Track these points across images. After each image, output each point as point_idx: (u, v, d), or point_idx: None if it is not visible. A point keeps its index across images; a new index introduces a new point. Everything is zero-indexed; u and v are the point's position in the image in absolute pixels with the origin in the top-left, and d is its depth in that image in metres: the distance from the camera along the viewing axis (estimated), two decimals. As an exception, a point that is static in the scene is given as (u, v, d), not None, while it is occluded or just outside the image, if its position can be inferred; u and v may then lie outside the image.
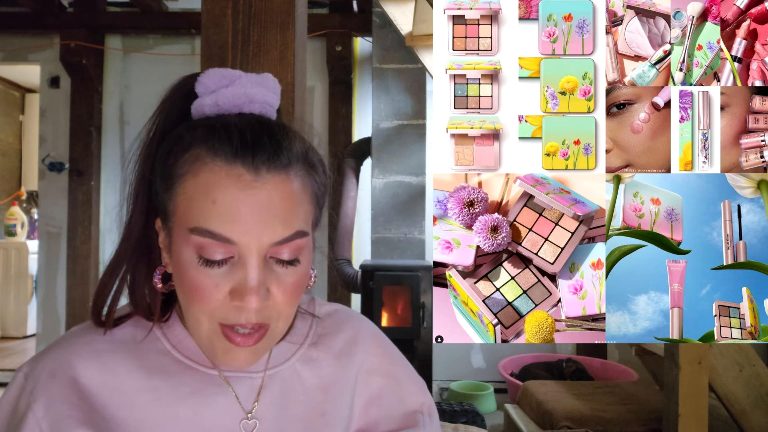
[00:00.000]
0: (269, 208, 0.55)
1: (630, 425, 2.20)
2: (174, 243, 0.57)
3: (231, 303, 0.55)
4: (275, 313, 0.57)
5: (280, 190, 0.56)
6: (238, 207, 0.54)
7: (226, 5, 0.92)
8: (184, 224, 0.55)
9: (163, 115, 0.61)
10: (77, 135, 3.62)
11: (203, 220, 0.54)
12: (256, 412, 0.62)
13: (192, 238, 0.55)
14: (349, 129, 3.67)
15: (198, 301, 0.55)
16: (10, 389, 0.60)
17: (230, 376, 0.63)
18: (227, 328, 0.56)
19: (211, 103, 0.59)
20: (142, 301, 0.63)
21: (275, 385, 0.64)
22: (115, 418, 0.58)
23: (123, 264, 0.62)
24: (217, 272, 0.55)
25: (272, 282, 0.56)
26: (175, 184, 0.57)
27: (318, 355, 0.68)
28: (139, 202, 0.61)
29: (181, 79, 0.63)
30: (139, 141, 0.62)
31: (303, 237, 0.57)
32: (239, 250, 0.54)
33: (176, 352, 0.62)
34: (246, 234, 0.54)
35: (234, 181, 0.54)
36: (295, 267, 0.58)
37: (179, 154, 0.57)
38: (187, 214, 0.55)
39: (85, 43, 3.53)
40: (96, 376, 0.59)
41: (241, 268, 0.55)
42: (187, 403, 0.60)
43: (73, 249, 3.57)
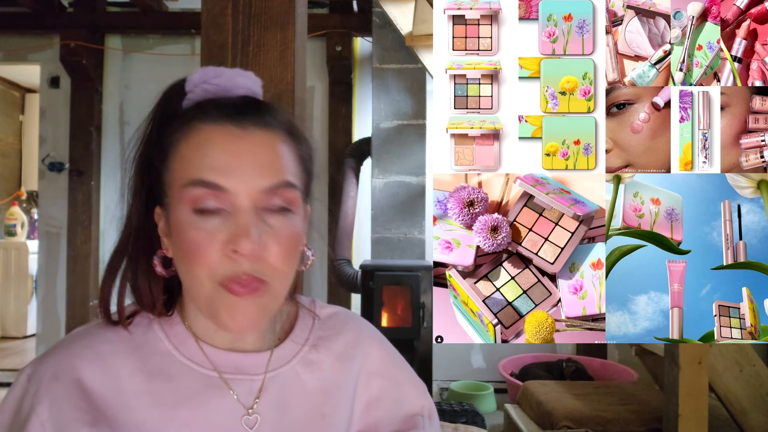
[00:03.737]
0: (257, 156, 0.58)
1: (630, 425, 2.19)
2: (172, 212, 0.59)
3: (226, 253, 0.56)
4: (270, 270, 0.58)
5: (267, 143, 0.59)
6: (228, 157, 0.57)
7: (226, 5, 0.92)
8: (180, 184, 0.58)
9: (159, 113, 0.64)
10: (77, 135, 3.61)
11: (195, 172, 0.57)
12: (256, 409, 0.62)
13: (186, 194, 0.57)
14: (349, 129, 3.67)
15: (196, 258, 0.56)
16: (13, 391, 0.60)
17: (230, 378, 0.63)
18: (227, 281, 0.57)
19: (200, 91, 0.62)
20: (146, 293, 0.63)
21: (276, 387, 0.64)
22: (117, 419, 0.58)
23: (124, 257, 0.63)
24: (211, 224, 0.56)
25: (266, 233, 0.57)
26: (170, 153, 0.59)
27: (318, 357, 0.68)
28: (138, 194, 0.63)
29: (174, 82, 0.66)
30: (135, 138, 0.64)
31: (292, 188, 0.59)
32: (231, 199, 0.56)
33: (177, 354, 0.63)
34: (236, 180, 0.56)
35: (224, 135, 0.58)
36: (288, 219, 0.59)
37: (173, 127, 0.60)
38: (181, 175, 0.58)
39: (85, 43, 3.53)
40: (99, 378, 0.59)
41: (234, 217, 0.56)
42: (186, 405, 0.60)
43: (73, 249, 3.57)
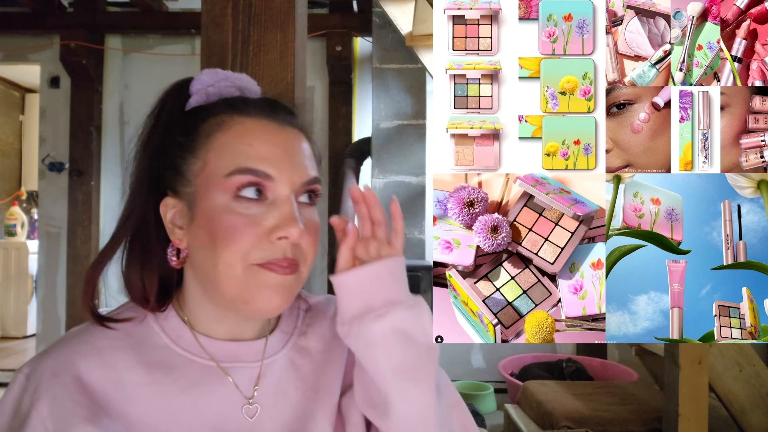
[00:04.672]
0: (297, 151, 0.63)
1: (630, 425, 2.19)
2: (201, 200, 0.60)
3: (270, 239, 0.58)
4: (303, 253, 0.61)
5: (298, 140, 0.64)
6: (273, 148, 0.60)
7: (226, 5, 0.92)
8: (220, 172, 0.59)
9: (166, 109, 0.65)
10: (77, 135, 3.61)
11: (241, 161, 0.59)
12: (256, 398, 0.63)
13: (230, 181, 0.59)
14: (349, 129, 3.67)
15: (233, 242, 0.58)
16: (11, 391, 0.60)
17: (229, 367, 0.64)
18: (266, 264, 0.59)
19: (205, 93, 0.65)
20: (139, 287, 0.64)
21: (273, 373, 0.66)
22: (118, 413, 0.58)
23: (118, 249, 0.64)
24: (253, 211, 0.59)
25: (303, 220, 0.60)
26: (201, 144, 0.61)
27: (308, 343, 0.70)
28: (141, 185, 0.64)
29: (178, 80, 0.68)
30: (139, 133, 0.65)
31: (319, 184, 0.64)
32: (275, 187, 0.60)
33: (175, 346, 0.63)
34: (281, 171, 0.60)
35: (264, 129, 0.62)
36: (313, 211, 0.64)
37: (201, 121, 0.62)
38: (221, 163, 0.60)
39: (85, 43, 3.53)
40: (98, 373, 0.60)
41: (279, 205, 0.59)
42: (188, 394, 0.61)
43: (73, 249, 3.57)
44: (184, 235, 0.62)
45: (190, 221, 0.61)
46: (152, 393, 0.60)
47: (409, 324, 0.61)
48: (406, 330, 0.61)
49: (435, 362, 0.62)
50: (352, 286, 0.62)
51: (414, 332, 0.61)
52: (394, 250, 0.65)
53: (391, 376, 0.60)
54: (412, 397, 0.60)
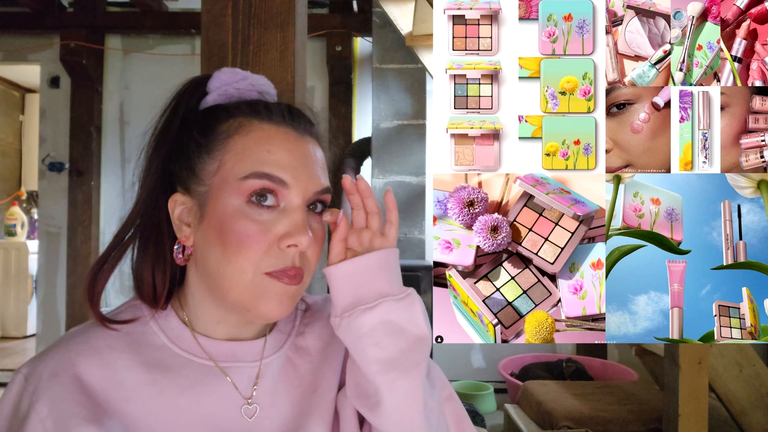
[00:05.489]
0: (313, 161, 0.63)
1: (630, 425, 2.19)
2: (214, 201, 0.60)
3: (280, 246, 0.59)
4: (307, 263, 0.62)
5: (315, 150, 0.65)
6: (290, 156, 0.61)
7: (226, 5, 0.92)
8: (236, 175, 0.60)
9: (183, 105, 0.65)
10: (77, 135, 3.61)
11: (259, 165, 0.59)
12: (255, 398, 0.63)
13: (245, 185, 0.59)
14: (349, 129, 3.67)
15: (245, 248, 0.58)
16: (9, 392, 0.59)
17: (228, 367, 0.64)
18: (275, 273, 0.59)
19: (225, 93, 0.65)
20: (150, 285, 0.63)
21: (271, 373, 0.66)
22: (118, 412, 0.58)
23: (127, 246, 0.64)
24: (266, 218, 0.59)
25: (310, 229, 0.61)
26: (219, 146, 0.61)
27: (306, 343, 0.70)
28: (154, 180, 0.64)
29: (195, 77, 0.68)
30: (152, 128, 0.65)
31: (329, 194, 0.65)
32: (289, 195, 0.60)
33: (174, 346, 0.63)
34: (296, 179, 0.60)
35: (284, 136, 0.62)
36: (320, 220, 0.64)
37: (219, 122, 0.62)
38: (238, 166, 0.60)
39: (85, 43, 3.53)
40: (97, 373, 0.59)
41: (290, 213, 0.60)
42: (187, 394, 0.61)
43: (73, 249, 3.56)
44: (191, 233, 0.62)
45: (200, 220, 0.61)
46: (151, 393, 0.60)
47: (399, 316, 0.61)
48: (395, 322, 0.61)
49: (425, 354, 0.62)
50: (343, 278, 0.63)
51: (404, 324, 0.61)
52: (387, 241, 0.65)
53: (379, 367, 0.60)
54: (401, 389, 0.60)
